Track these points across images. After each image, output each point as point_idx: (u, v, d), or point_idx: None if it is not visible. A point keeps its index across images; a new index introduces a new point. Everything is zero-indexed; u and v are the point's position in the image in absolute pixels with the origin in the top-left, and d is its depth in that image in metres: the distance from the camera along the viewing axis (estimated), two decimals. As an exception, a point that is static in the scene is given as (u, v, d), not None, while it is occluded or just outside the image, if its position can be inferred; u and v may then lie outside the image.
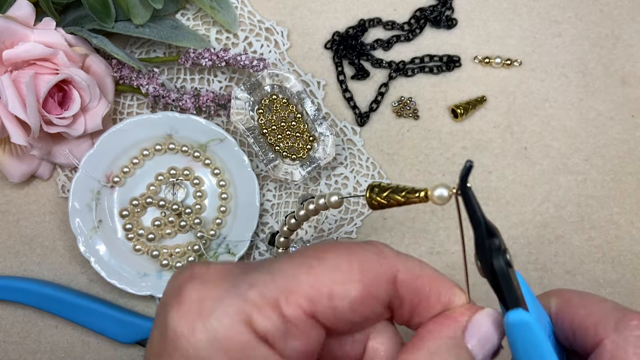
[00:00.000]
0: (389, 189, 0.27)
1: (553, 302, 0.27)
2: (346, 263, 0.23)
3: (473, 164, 0.24)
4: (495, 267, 0.24)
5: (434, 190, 0.25)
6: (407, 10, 0.51)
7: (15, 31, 0.42)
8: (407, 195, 0.26)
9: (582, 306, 0.25)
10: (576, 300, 0.26)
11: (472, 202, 0.25)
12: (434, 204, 0.25)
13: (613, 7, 0.51)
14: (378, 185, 0.27)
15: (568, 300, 0.26)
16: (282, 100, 0.46)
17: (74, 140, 0.47)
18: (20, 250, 0.48)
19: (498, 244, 0.25)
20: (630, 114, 0.50)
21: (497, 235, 0.25)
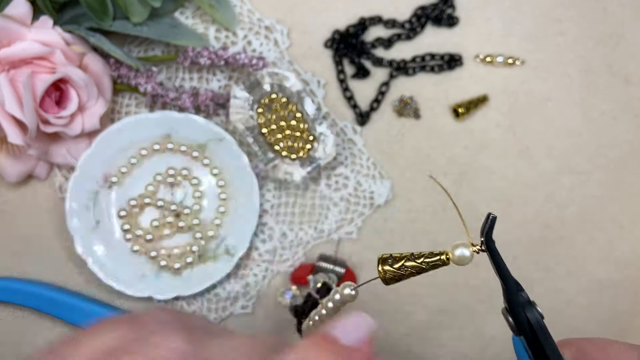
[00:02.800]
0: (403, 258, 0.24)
1: (567, 354, 0.27)
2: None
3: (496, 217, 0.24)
4: (531, 321, 0.24)
5: (455, 251, 0.24)
6: (408, 8, 0.50)
7: (12, 30, 0.42)
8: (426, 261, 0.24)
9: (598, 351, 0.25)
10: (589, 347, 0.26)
11: (499, 257, 0.24)
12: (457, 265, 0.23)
13: (616, 6, 0.50)
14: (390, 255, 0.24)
15: (582, 350, 0.26)
16: (282, 100, 0.46)
17: (72, 139, 0.46)
18: (17, 251, 0.48)
19: (527, 297, 0.24)
20: (633, 114, 0.49)
21: (523, 289, 0.24)
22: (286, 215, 0.48)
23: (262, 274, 0.48)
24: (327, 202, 0.48)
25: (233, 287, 0.48)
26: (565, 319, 0.48)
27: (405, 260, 0.24)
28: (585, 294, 0.48)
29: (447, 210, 0.48)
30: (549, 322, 0.47)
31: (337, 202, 0.48)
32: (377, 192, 0.48)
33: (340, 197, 0.48)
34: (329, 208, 0.48)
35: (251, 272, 0.48)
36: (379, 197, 0.48)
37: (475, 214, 0.48)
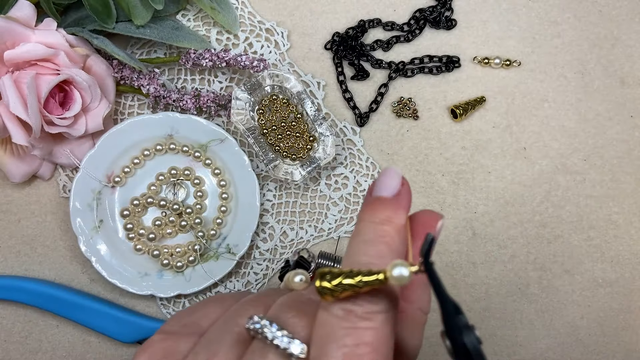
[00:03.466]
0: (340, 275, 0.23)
1: None
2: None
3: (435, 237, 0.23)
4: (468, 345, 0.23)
5: (392, 271, 0.23)
6: (407, 11, 0.51)
7: (16, 32, 0.42)
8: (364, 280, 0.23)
9: None
10: None
11: (437, 278, 0.23)
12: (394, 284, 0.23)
13: (612, 8, 0.51)
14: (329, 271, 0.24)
15: None
16: (283, 101, 0.46)
17: (75, 140, 0.47)
18: (22, 250, 0.48)
19: (465, 321, 0.23)
20: (629, 115, 0.50)
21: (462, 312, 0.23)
22: (286, 215, 0.49)
23: (262, 272, 0.49)
24: (326, 201, 0.49)
25: (234, 286, 0.48)
26: (561, 317, 0.49)
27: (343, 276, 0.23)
28: (581, 292, 0.49)
29: (445, 210, 0.49)
30: (547, 321, 0.47)
31: (336, 201, 0.49)
32: (376, 192, 0.49)
33: (340, 196, 0.49)
34: (328, 208, 0.49)
35: (252, 270, 0.49)
36: (378, 197, 0.49)
37: (473, 213, 0.49)
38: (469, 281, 0.49)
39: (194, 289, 0.46)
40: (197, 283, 0.46)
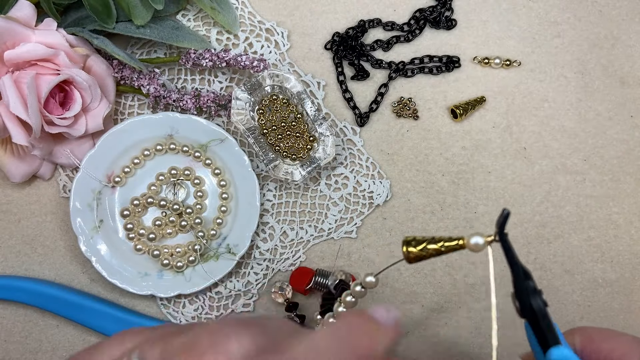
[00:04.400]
0: (424, 241, 0.27)
1: (577, 339, 0.29)
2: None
3: (509, 212, 0.26)
4: (534, 307, 0.26)
5: (470, 239, 0.26)
6: (407, 11, 0.51)
7: (16, 32, 0.42)
8: (445, 245, 0.27)
9: (604, 341, 0.28)
10: (597, 336, 0.28)
11: (510, 247, 0.26)
12: (471, 251, 0.27)
13: (612, 8, 0.51)
14: (413, 238, 0.28)
15: (590, 337, 0.29)
16: (283, 101, 0.46)
17: (75, 140, 0.47)
18: (22, 250, 0.48)
19: (533, 286, 0.26)
20: (629, 114, 0.50)
21: (531, 278, 0.27)
22: (287, 215, 0.49)
23: (263, 272, 0.49)
24: (327, 201, 0.49)
25: (234, 286, 0.48)
26: (561, 317, 0.49)
27: (427, 243, 0.27)
28: (581, 292, 0.49)
29: (445, 209, 0.49)
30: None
31: (336, 201, 0.49)
32: (377, 192, 0.49)
33: (340, 196, 0.49)
34: (328, 208, 0.49)
35: (252, 270, 0.49)
36: (378, 197, 0.49)
37: (473, 213, 0.49)
38: (469, 281, 0.49)
39: (194, 289, 0.46)
40: (197, 283, 0.46)
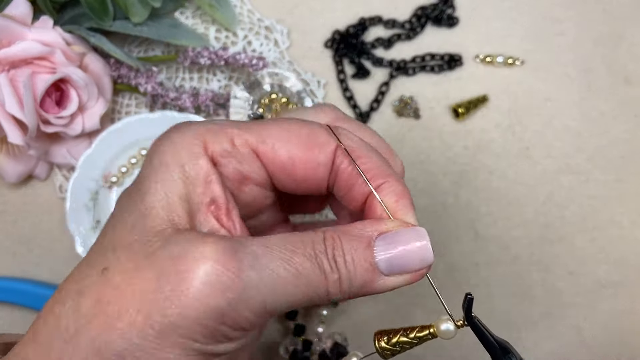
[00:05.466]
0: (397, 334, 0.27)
1: None
2: (297, 129, 0.27)
3: (472, 296, 0.26)
4: None
5: (440, 326, 0.26)
6: (408, 8, 0.50)
7: (12, 30, 0.42)
8: (417, 336, 0.27)
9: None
10: None
11: (482, 330, 0.26)
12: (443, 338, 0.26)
13: (616, 6, 0.50)
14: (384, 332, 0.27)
15: None
16: (282, 100, 0.46)
17: (72, 139, 0.46)
18: (18, 251, 0.48)
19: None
20: (633, 114, 0.50)
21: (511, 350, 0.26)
22: (286, 215, 0.48)
23: (262, 273, 0.48)
24: (327, 202, 0.49)
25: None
26: (564, 318, 0.48)
27: (399, 336, 0.27)
28: (585, 294, 0.48)
29: (447, 210, 0.48)
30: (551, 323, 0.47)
31: (337, 202, 0.48)
32: (377, 192, 0.48)
33: (340, 197, 0.49)
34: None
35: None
36: (379, 197, 0.48)
37: (475, 214, 0.48)
38: (471, 282, 0.48)
39: (192, 290, 0.46)
40: (195, 284, 0.46)
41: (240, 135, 0.27)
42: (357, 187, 0.27)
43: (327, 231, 0.25)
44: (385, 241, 0.25)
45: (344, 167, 0.27)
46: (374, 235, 0.25)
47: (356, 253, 0.24)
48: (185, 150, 0.26)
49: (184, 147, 0.26)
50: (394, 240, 0.25)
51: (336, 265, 0.24)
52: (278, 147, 0.27)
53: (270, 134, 0.27)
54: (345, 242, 0.25)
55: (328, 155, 0.27)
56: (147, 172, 0.26)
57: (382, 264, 0.25)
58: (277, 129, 0.27)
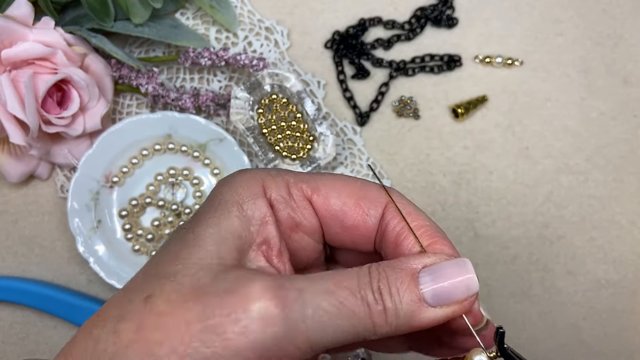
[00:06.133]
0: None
1: None
2: (350, 182, 0.28)
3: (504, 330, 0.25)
4: None
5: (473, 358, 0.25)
6: (408, 9, 0.50)
7: (14, 30, 0.42)
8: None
9: None
10: None
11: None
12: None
13: (615, 6, 0.51)
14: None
15: None
16: (282, 100, 0.46)
17: (73, 140, 0.46)
18: (19, 251, 0.48)
19: None
20: (632, 114, 0.50)
21: None
22: (286, 215, 0.49)
23: (262, 273, 0.48)
24: (327, 202, 0.49)
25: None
26: (564, 318, 0.49)
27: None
28: (584, 293, 0.49)
29: (446, 210, 0.49)
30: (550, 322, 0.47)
31: (337, 202, 0.49)
32: (377, 192, 0.48)
33: (340, 197, 0.49)
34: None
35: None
36: (379, 197, 0.48)
37: (475, 214, 0.49)
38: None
39: (192, 290, 0.46)
40: (196, 284, 0.46)
41: (296, 183, 0.28)
42: (404, 246, 0.27)
43: (372, 265, 0.25)
44: (430, 272, 0.25)
45: (392, 224, 0.28)
46: (418, 268, 0.25)
47: (401, 285, 0.24)
48: (245, 189, 0.27)
49: (244, 187, 0.27)
50: (439, 271, 0.25)
51: (381, 296, 0.24)
52: (331, 196, 0.28)
53: (325, 183, 0.28)
54: (390, 274, 0.25)
55: (378, 209, 0.28)
56: (205, 209, 0.27)
57: (428, 295, 0.24)
58: (331, 179, 0.28)
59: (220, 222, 0.26)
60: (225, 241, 0.25)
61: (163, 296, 0.23)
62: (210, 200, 0.27)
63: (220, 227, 0.25)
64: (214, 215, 0.26)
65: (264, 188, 0.27)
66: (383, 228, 0.28)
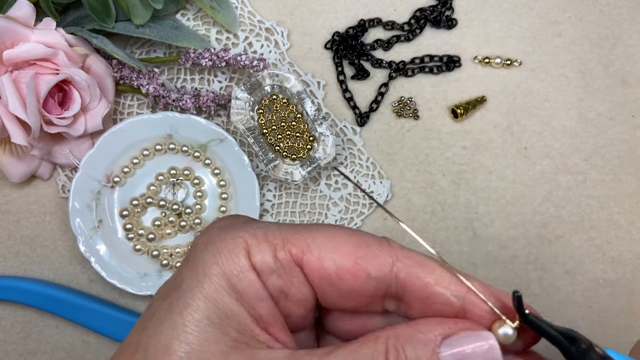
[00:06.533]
0: None
1: None
2: (345, 237, 0.25)
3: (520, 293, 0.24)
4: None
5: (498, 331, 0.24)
6: (407, 10, 0.51)
7: (15, 31, 0.42)
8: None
9: None
10: None
11: (541, 325, 0.25)
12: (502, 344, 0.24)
13: (613, 7, 0.51)
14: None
15: None
16: (282, 101, 0.46)
17: (74, 140, 0.47)
18: (21, 250, 0.48)
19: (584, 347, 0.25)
20: (630, 114, 0.50)
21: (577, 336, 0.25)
22: (286, 215, 0.49)
23: (262, 273, 0.48)
24: (327, 202, 0.49)
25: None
26: (562, 317, 0.49)
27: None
28: (582, 292, 0.49)
29: (445, 210, 0.49)
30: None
31: (337, 201, 0.49)
32: (377, 192, 0.49)
33: (340, 196, 0.49)
34: (328, 208, 0.49)
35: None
36: (379, 197, 0.49)
37: (474, 214, 0.49)
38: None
39: (193, 289, 0.46)
40: (196, 283, 0.46)
41: (283, 246, 0.24)
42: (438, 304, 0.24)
43: (390, 339, 0.23)
44: (451, 347, 0.23)
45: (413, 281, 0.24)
46: (438, 340, 0.23)
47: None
48: (229, 260, 0.24)
49: (228, 257, 0.24)
50: (459, 345, 0.23)
51: None
52: (325, 259, 0.24)
53: (317, 242, 0.24)
54: (409, 351, 0.23)
55: (382, 268, 0.24)
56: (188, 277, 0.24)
57: None
58: (324, 235, 0.25)
59: (211, 302, 0.23)
60: (221, 323, 0.23)
61: None
62: (192, 267, 0.24)
63: (213, 307, 0.23)
64: (202, 292, 0.23)
65: (249, 255, 0.24)
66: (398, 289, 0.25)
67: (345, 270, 0.24)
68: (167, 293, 0.24)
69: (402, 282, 0.24)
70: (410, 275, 0.24)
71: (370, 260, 0.24)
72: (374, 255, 0.24)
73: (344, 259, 0.24)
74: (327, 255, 0.24)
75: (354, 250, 0.24)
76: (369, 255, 0.24)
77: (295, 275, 0.25)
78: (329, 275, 0.24)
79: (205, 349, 0.22)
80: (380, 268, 0.24)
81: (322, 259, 0.24)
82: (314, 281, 0.25)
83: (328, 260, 0.24)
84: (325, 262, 0.24)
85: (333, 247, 0.24)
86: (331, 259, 0.24)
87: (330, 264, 0.24)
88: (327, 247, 0.24)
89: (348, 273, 0.24)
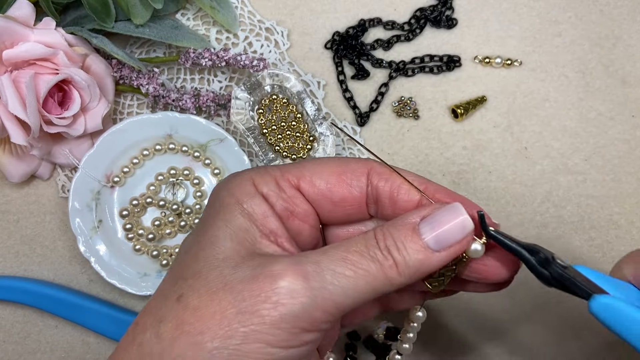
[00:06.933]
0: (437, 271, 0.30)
1: (626, 271, 0.30)
2: (330, 162, 0.31)
3: (482, 213, 0.29)
4: (554, 276, 0.27)
5: (469, 248, 0.29)
6: (407, 10, 0.51)
7: (15, 31, 0.42)
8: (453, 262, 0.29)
9: None
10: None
11: (504, 241, 0.28)
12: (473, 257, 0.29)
13: (613, 7, 0.51)
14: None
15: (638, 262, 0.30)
16: (282, 100, 0.46)
17: (74, 140, 0.47)
18: (20, 250, 0.48)
19: (544, 257, 0.28)
20: (630, 114, 0.50)
21: (539, 249, 0.28)
22: (286, 215, 0.49)
23: (262, 273, 0.48)
24: (327, 201, 0.49)
25: (234, 286, 0.48)
26: (561, 317, 0.49)
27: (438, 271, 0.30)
28: (583, 292, 0.49)
29: (445, 210, 0.49)
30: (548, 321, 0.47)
31: (337, 201, 0.49)
32: (377, 192, 0.49)
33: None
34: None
35: (252, 271, 0.48)
36: (379, 197, 0.48)
37: (474, 213, 0.49)
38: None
39: (193, 289, 0.46)
40: (196, 283, 0.46)
41: (282, 175, 0.31)
42: (401, 199, 0.31)
43: (376, 228, 0.28)
44: (428, 222, 0.28)
45: (382, 185, 0.31)
46: (417, 220, 0.28)
47: (405, 238, 0.27)
48: (240, 190, 0.29)
49: (239, 188, 0.30)
50: (436, 219, 0.28)
51: (389, 253, 0.27)
52: (316, 179, 0.31)
53: (308, 169, 0.31)
54: (393, 232, 0.28)
55: (361, 179, 0.31)
56: (209, 213, 0.30)
57: (430, 242, 0.27)
58: (313, 163, 0.31)
59: (227, 222, 0.28)
60: (236, 237, 0.28)
61: (193, 293, 0.26)
62: (212, 205, 0.30)
63: (228, 226, 0.28)
64: (220, 217, 0.29)
65: (255, 186, 0.30)
66: (374, 194, 0.31)
67: (333, 184, 0.31)
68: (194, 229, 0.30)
69: (375, 187, 0.31)
70: (380, 179, 0.31)
71: (350, 173, 0.31)
72: (353, 170, 0.31)
73: (331, 177, 0.31)
74: (317, 176, 0.31)
75: (337, 169, 0.31)
76: (349, 171, 0.31)
77: (296, 195, 0.31)
78: (322, 190, 0.31)
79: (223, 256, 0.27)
80: (359, 177, 0.31)
81: (314, 179, 0.31)
82: (311, 197, 0.31)
83: (318, 179, 0.31)
84: (317, 182, 0.31)
85: (321, 170, 0.31)
86: (320, 178, 0.31)
87: (320, 182, 0.31)
88: (316, 171, 0.31)
89: (335, 186, 0.31)
